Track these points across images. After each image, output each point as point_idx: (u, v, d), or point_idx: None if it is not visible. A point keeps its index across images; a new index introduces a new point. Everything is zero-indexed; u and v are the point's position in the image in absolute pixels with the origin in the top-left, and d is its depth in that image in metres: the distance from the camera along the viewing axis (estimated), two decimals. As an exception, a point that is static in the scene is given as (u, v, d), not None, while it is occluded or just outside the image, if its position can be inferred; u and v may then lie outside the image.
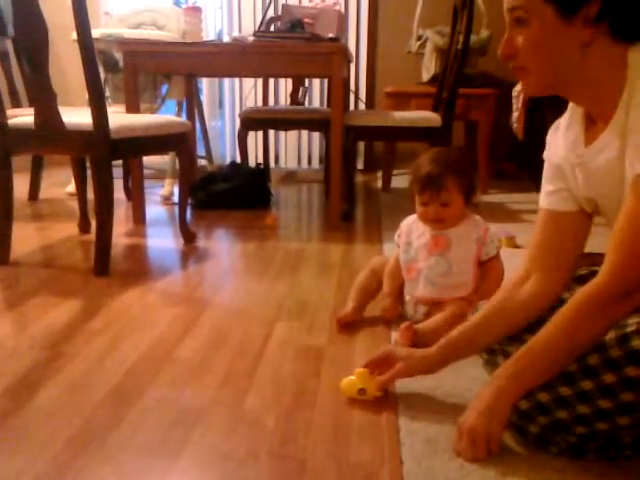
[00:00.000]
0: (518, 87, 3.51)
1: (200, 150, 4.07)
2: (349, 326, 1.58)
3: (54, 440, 1.07)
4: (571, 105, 1.09)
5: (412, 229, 1.62)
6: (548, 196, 1.15)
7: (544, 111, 3.43)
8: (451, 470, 0.98)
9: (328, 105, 3.72)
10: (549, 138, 1.15)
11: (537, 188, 1.19)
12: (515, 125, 3.48)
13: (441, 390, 1.24)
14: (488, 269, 1.56)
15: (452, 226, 1.56)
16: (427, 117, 2.95)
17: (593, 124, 1.04)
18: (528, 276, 1.17)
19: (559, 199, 1.13)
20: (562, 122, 1.11)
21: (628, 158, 0.94)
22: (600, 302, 0.96)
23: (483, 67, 3.83)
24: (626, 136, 0.95)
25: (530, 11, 0.96)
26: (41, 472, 0.98)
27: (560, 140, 1.10)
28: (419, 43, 3.90)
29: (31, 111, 2.02)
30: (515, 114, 3.49)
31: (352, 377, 1.21)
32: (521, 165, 4.06)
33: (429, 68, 3.79)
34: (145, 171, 2.75)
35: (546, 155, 1.15)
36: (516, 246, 2.33)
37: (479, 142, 3.61)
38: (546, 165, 1.15)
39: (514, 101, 3.53)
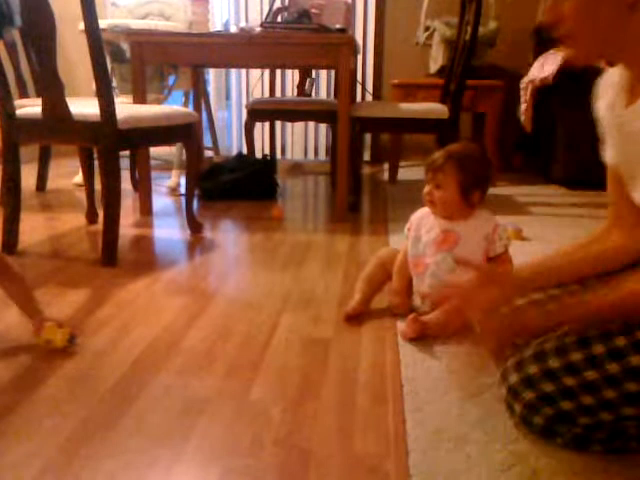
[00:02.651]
0: (526, 79, 3.49)
1: (207, 141, 4.07)
2: (355, 317, 1.58)
3: (61, 428, 1.08)
4: None
5: (422, 223, 1.62)
6: (607, 150, 1.11)
7: (552, 103, 3.41)
8: (457, 461, 0.98)
9: (335, 96, 3.71)
10: (597, 89, 1.10)
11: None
12: (523, 117, 3.46)
13: (447, 381, 1.24)
14: (497, 264, 1.55)
15: (457, 220, 1.55)
16: (434, 109, 2.93)
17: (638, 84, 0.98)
18: (609, 231, 1.16)
19: None
20: (611, 75, 1.06)
21: None
22: None
23: (491, 59, 3.81)
24: None
25: None
26: (49, 459, 0.99)
27: (603, 94, 1.06)
28: (427, 34, 3.88)
29: (39, 101, 2.03)
30: (523, 106, 3.47)
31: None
32: (529, 157, 4.04)
33: (437, 59, 3.78)
34: (152, 162, 2.76)
35: (595, 108, 1.11)
36: (523, 239, 2.32)
37: (486, 134, 3.60)
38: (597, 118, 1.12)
39: (522, 93, 3.51)
